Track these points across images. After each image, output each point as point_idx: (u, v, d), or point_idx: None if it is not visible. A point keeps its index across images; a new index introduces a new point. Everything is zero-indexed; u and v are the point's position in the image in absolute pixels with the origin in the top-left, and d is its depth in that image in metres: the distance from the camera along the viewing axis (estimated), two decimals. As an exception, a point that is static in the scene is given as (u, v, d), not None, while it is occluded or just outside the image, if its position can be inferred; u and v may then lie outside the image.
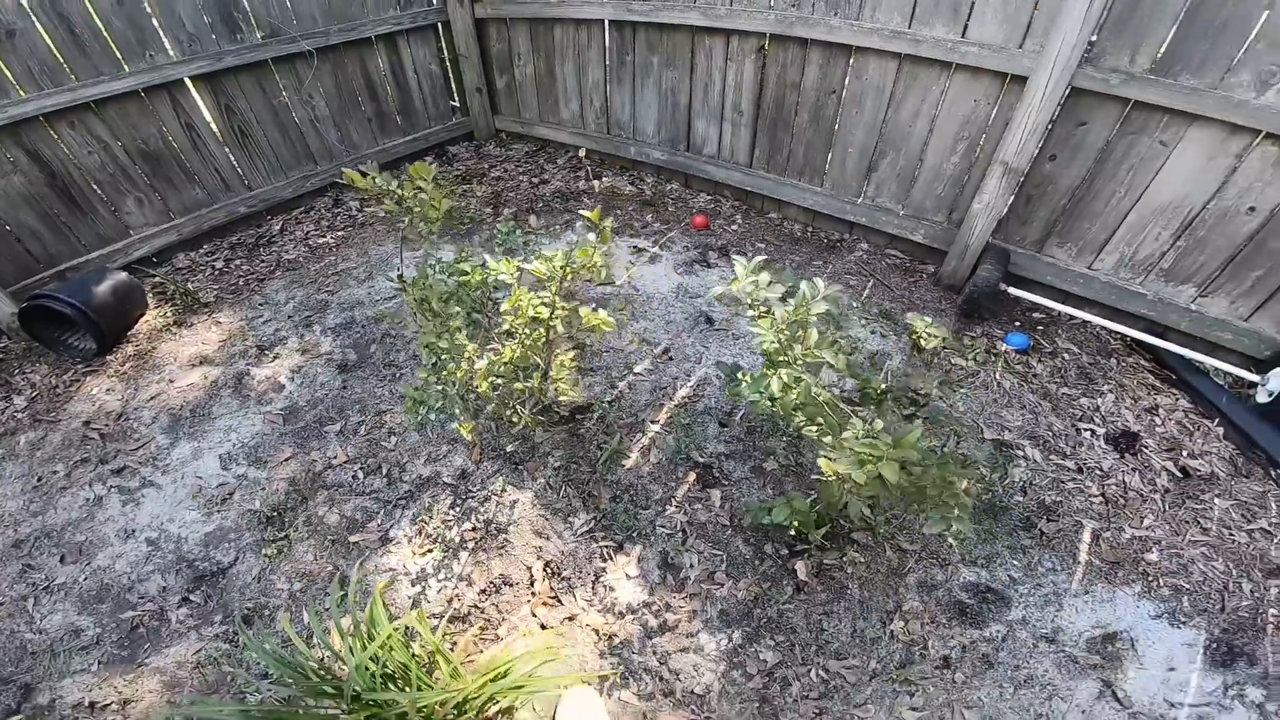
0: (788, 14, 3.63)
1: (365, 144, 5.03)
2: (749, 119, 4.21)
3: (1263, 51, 2.56)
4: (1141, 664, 2.07)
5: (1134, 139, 2.98)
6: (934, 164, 3.61)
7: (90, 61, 3.53)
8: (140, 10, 3.63)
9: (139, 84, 3.71)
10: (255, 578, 2.34)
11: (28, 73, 3.34)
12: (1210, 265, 3.01)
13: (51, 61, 3.41)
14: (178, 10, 3.76)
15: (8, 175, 3.44)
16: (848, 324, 3.42)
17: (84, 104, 3.56)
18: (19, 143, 3.43)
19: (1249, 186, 2.80)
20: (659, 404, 2.96)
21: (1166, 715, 1.95)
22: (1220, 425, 2.86)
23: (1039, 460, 2.70)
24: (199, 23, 3.87)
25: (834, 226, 4.32)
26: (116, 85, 3.62)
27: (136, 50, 3.68)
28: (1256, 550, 2.37)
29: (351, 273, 3.96)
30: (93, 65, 3.54)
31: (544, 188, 5.01)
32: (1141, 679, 2.03)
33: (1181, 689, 2.01)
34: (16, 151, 3.44)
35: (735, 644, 2.11)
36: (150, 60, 3.75)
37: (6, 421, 3.00)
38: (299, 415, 2.96)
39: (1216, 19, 2.60)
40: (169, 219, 4.11)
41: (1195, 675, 2.04)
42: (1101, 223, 3.22)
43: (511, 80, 5.44)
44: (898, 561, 2.34)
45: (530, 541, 2.40)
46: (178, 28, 3.80)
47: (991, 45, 3.11)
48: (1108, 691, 2.01)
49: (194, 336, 3.47)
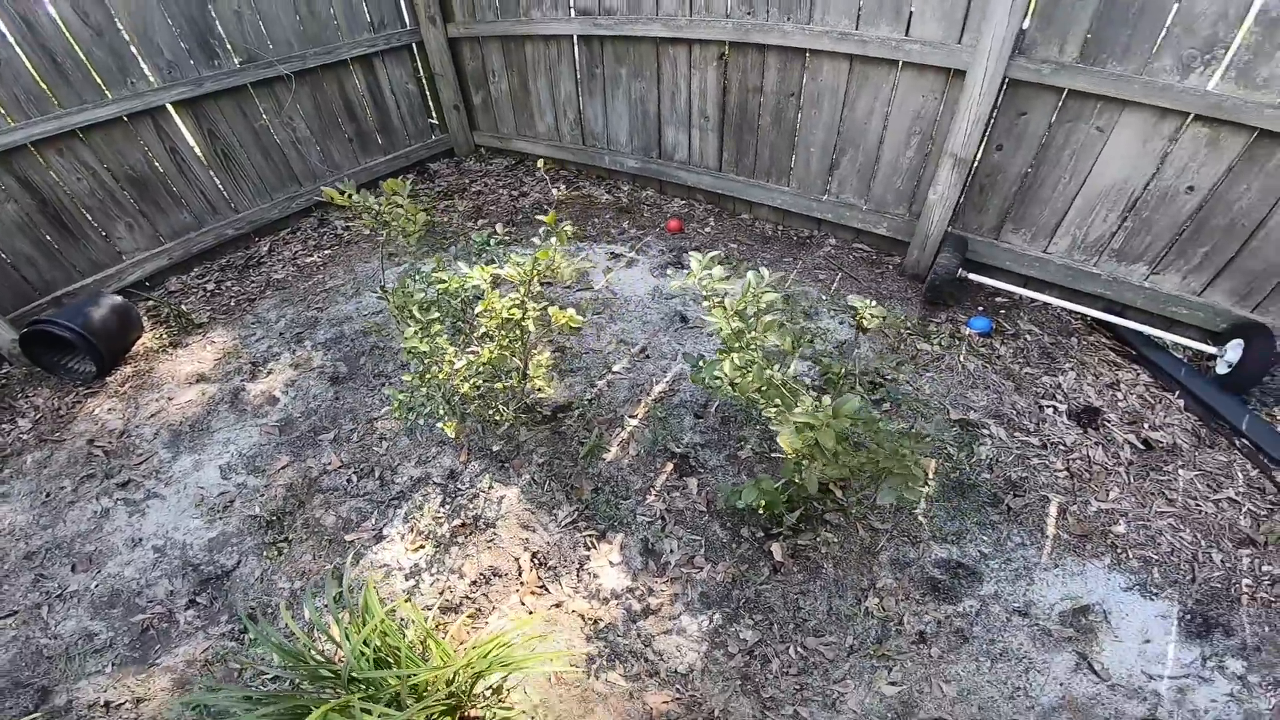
0: (744, 22, 3.77)
1: (347, 164, 5.14)
2: (715, 124, 4.34)
3: (1180, 36, 2.69)
4: (1116, 636, 2.12)
5: (1072, 126, 3.12)
6: (890, 159, 3.74)
7: (74, 90, 3.63)
8: (119, 39, 3.74)
9: (123, 110, 3.82)
10: (258, 578, 2.45)
11: (14, 101, 3.44)
12: (1158, 244, 3.14)
13: (36, 90, 3.51)
14: (155, 39, 3.87)
15: (1, 204, 3.53)
16: (817, 316, 3.55)
17: (71, 131, 3.67)
18: (10, 170, 3.53)
19: (1185, 166, 2.93)
20: (637, 400, 3.08)
21: (1145, 687, 1.99)
22: (1181, 398, 2.95)
23: (1004, 438, 2.80)
24: (177, 50, 3.98)
25: (803, 224, 4.45)
26: (101, 112, 3.73)
27: (118, 78, 3.79)
28: (1224, 520, 2.44)
29: (339, 290, 4.08)
30: (76, 93, 3.65)
31: (523, 200, 5.13)
32: (1118, 651, 2.08)
33: (1159, 661, 2.05)
34: (8, 180, 3.54)
35: (716, 624, 2.21)
36: (132, 87, 3.85)
37: (13, 443, 3.11)
38: (294, 426, 3.08)
39: (1134, 5, 2.72)
40: (159, 243, 4.21)
41: (1172, 647, 2.08)
42: (1051, 208, 3.35)
43: (488, 96, 5.56)
44: (870, 540, 2.42)
45: (517, 534, 2.52)
46: (156, 55, 3.91)
47: (932, 42, 3.24)
48: (1084, 664, 2.05)
49: (190, 356, 3.58)
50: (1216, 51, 2.65)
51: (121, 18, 3.71)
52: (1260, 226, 2.86)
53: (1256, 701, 1.95)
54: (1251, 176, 2.80)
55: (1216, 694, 1.97)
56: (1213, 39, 2.64)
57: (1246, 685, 1.99)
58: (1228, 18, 2.57)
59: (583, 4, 4.42)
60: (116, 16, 3.69)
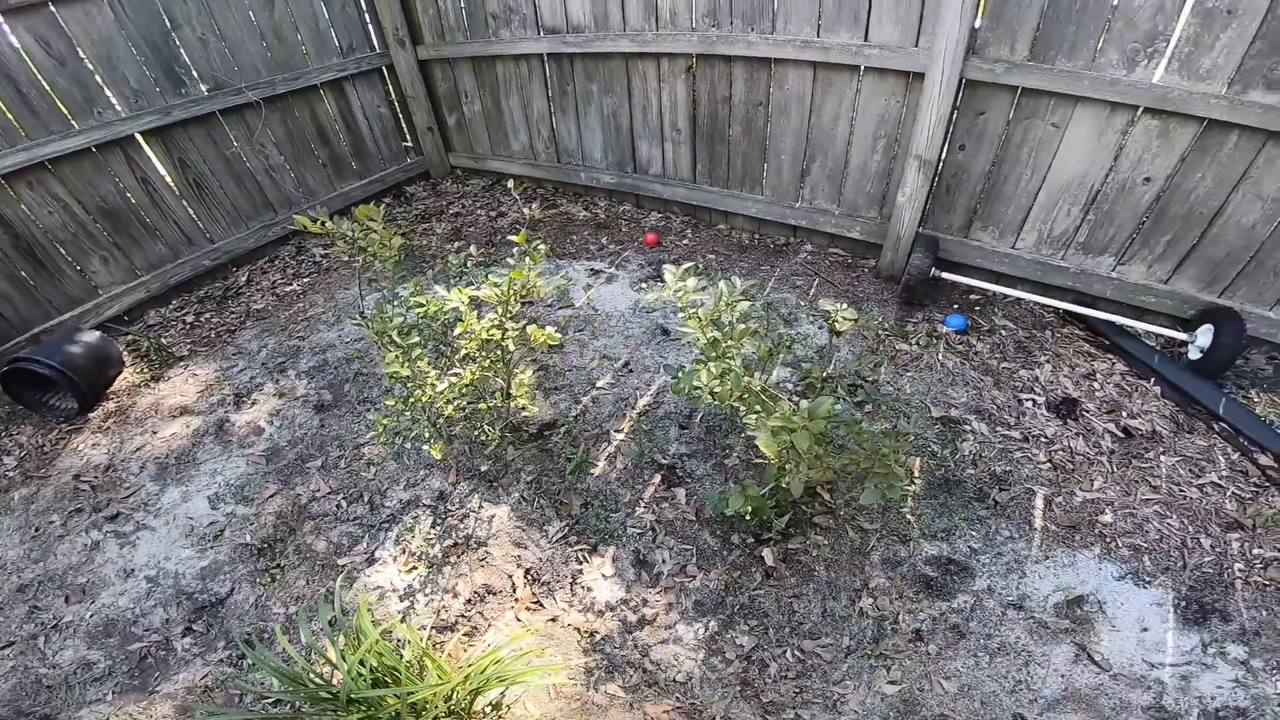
0: (709, 34, 3.83)
1: (323, 189, 5.13)
2: (687, 136, 4.40)
3: (1123, 30, 2.77)
4: (1114, 626, 2.13)
5: (1029, 123, 3.20)
6: (859, 163, 3.81)
7: (41, 121, 3.60)
8: (83, 69, 3.71)
9: (91, 141, 3.79)
10: (252, 604, 2.45)
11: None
12: (1121, 235, 3.22)
13: (3, 121, 3.47)
14: (120, 67, 3.85)
15: None
16: (797, 322, 3.60)
17: (40, 163, 3.63)
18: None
19: (1140, 158, 3.01)
20: (622, 414, 3.10)
21: (1148, 676, 2.00)
22: (1157, 385, 3.01)
23: (986, 433, 2.85)
24: (143, 79, 3.96)
25: (778, 231, 4.50)
26: (69, 143, 3.70)
27: (84, 108, 3.76)
28: (1210, 505, 2.47)
29: (320, 318, 4.07)
30: (43, 124, 3.62)
31: (501, 220, 5.15)
32: (1116, 641, 2.10)
33: (1159, 649, 2.06)
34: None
35: (712, 632, 2.22)
36: (99, 117, 3.83)
37: None
38: (281, 455, 3.07)
39: (1076, 2, 2.80)
40: (135, 276, 4.18)
41: (1170, 634, 2.10)
42: (1016, 204, 3.43)
43: (461, 117, 5.58)
44: (860, 541, 2.45)
45: (509, 551, 2.53)
46: (122, 84, 3.89)
47: (890, 46, 3.31)
48: (1083, 655, 2.07)
49: (172, 389, 3.56)
50: (1158, 44, 2.73)
51: (84, 47, 3.69)
52: (1218, 214, 2.95)
53: (1263, 686, 1.97)
54: (1205, 166, 2.88)
55: (1221, 680, 1.99)
56: (1153, 32, 2.71)
57: (1251, 670, 2.00)
58: (1165, 10, 2.65)
59: (551, 23, 4.47)
60: (79, 46, 3.67)
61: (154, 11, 3.93)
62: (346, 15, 4.92)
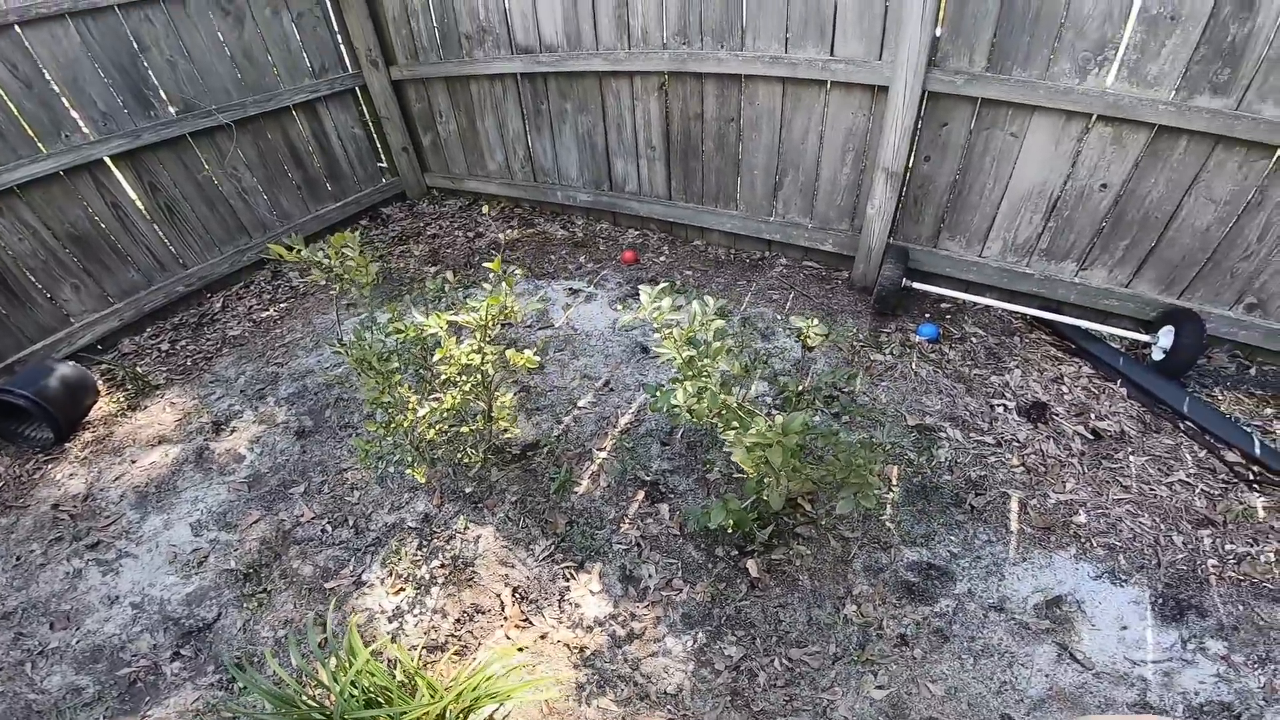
0: (680, 52, 3.89)
1: (298, 212, 5.09)
2: (661, 153, 4.45)
3: (1073, 39, 2.87)
4: (1093, 625, 2.18)
5: (989, 133, 3.29)
6: (829, 176, 3.88)
7: (8, 145, 3.55)
8: (49, 91, 3.67)
9: (59, 165, 3.73)
10: (240, 629, 2.44)
11: None
12: (1081, 241, 3.32)
13: None
14: (87, 90, 3.81)
15: None
16: (774, 336, 3.66)
17: (9, 189, 3.58)
18: None
19: (1095, 165, 3.11)
20: (604, 433, 3.13)
21: (1131, 673, 2.04)
22: (1123, 386, 3.09)
23: (960, 439, 2.91)
24: (111, 101, 3.92)
25: (753, 246, 4.56)
26: (37, 168, 3.64)
27: (51, 131, 3.71)
28: (1180, 502, 2.54)
29: (299, 343, 4.06)
30: (11, 149, 3.56)
31: (479, 240, 5.16)
32: (1097, 639, 2.14)
33: (1139, 646, 2.11)
34: None
35: (700, 643, 2.25)
36: (67, 140, 3.78)
37: None
38: (263, 481, 3.06)
39: (1029, 11, 2.90)
40: (108, 304, 4.12)
41: (1150, 632, 2.15)
42: (980, 213, 3.52)
43: (436, 138, 5.59)
44: (842, 550, 2.49)
45: (497, 571, 2.54)
46: (90, 107, 3.84)
47: (855, 60, 3.39)
48: (1065, 654, 2.11)
49: (149, 418, 3.53)
50: (1108, 52, 2.83)
51: (50, 69, 3.65)
52: (1172, 218, 3.05)
53: (1245, 680, 2.01)
54: (1157, 171, 2.99)
55: (1204, 675, 2.04)
56: (1102, 40, 2.81)
57: (1232, 665, 2.05)
58: (1113, 18, 2.75)
59: (524, 42, 4.51)
60: (45, 68, 3.63)
61: (121, 34, 3.90)
62: (318, 36, 4.91)
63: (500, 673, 1.94)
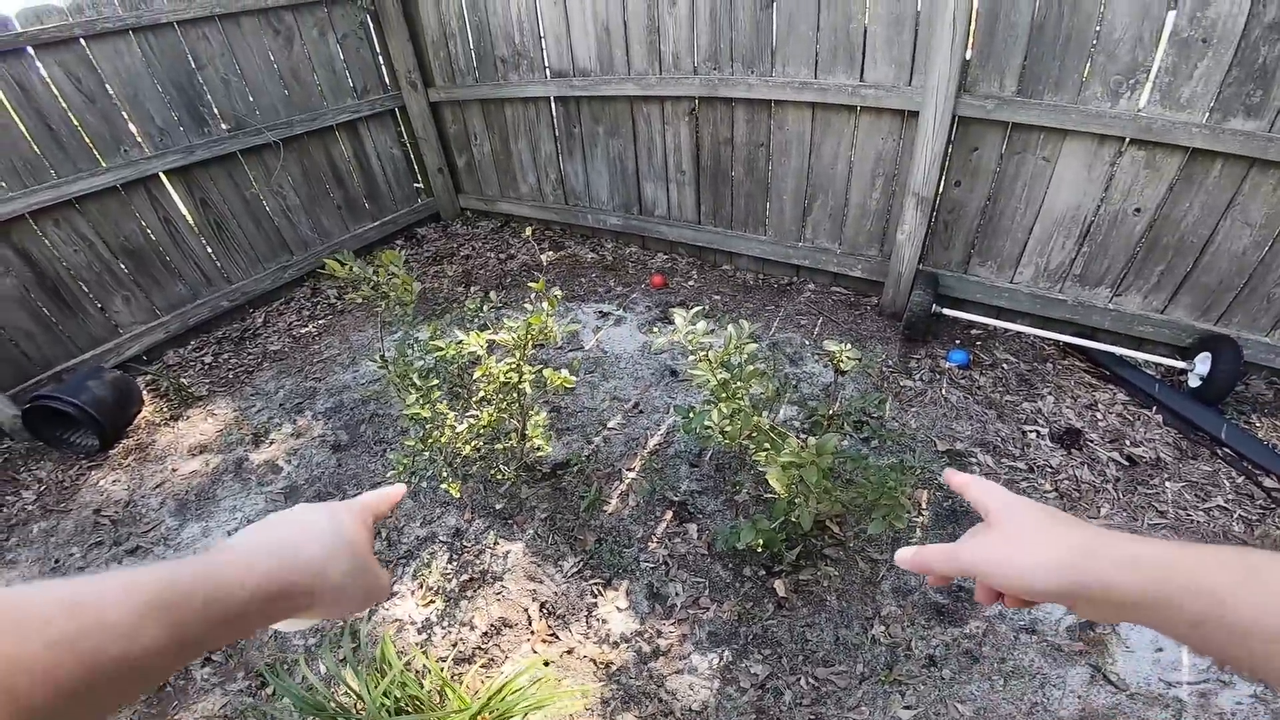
0: (711, 77, 3.96)
1: (337, 231, 5.22)
2: (691, 177, 4.50)
3: (1105, 63, 2.86)
4: (1128, 647, 2.15)
5: (1020, 158, 3.28)
6: (859, 201, 3.90)
7: (69, 158, 3.68)
8: (112, 107, 3.82)
9: (117, 179, 3.86)
10: (271, 635, 2.49)
11: (11, 169, 3.49)
12: (1116, 266, 3.29)
13: (33, 158, 3.55)
14: (146, 106, 3.95)
15: (0, 277, 3.56)
16: (802, 361, 3.67)
17: (68, 201, 3.70)
18: (9, 242, 3.55)
19: (1129, 189, 3.08)
20: (633, 453, 3.16)
21: (1166, 694, 2.02)
22: (1159, 413, 3.05)
23: (992, 464, 2.89)
24: (168, 118, 4.06)
25: (782, 271, 4.56)
26: (96, 181, 3.77)
27: (112, 145, 3.85)
28: (1217, 527, 2.50)
29: (336, 359, 4.16)
30: (72, 161, 3.69)
31: (511, 262, 5.25)
32: (1131, 661, 2.12)
33: (1174, 668, 2.08)
34: (6, 251, 3.55)
35: (726, 661, 2.25)
36: (125, 155, 3.91)
37: (18, 513, 3.17)
38: (299, 492, 3.14)
39: (1059, 36, 2.90)
40: (155, 316, 4.25)
41: (1185, 654, 2.11)
42: (1012, 238, 3.50)
43: (471, 159, 5.71)
44: (870, 571, 2.49)
45: (525, 586, 2.57)
46: (148, 122, 3.98)
47: (885, 85, 3.41)
48: (1099, 675, 2.09)
49: (191, 428, 3.64)
50: (1139, 75, 2.82)
51: (113, 84, 3.80)
52: (1208, 242, 3.01)
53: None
54: (1192, 194, 2.96)
55: (1240, 696, 2.01)
56: (1134, 63, 2.80)
57: (1269, 687, 1.99)
58: (1144, 41, 2.74)
59: (558, 66, 4.62)
60: (108, 83, 3.78)
61: (180, 51, 4.05)
62: (361, 57, 5.07)
63: (528, 685, 1.97)
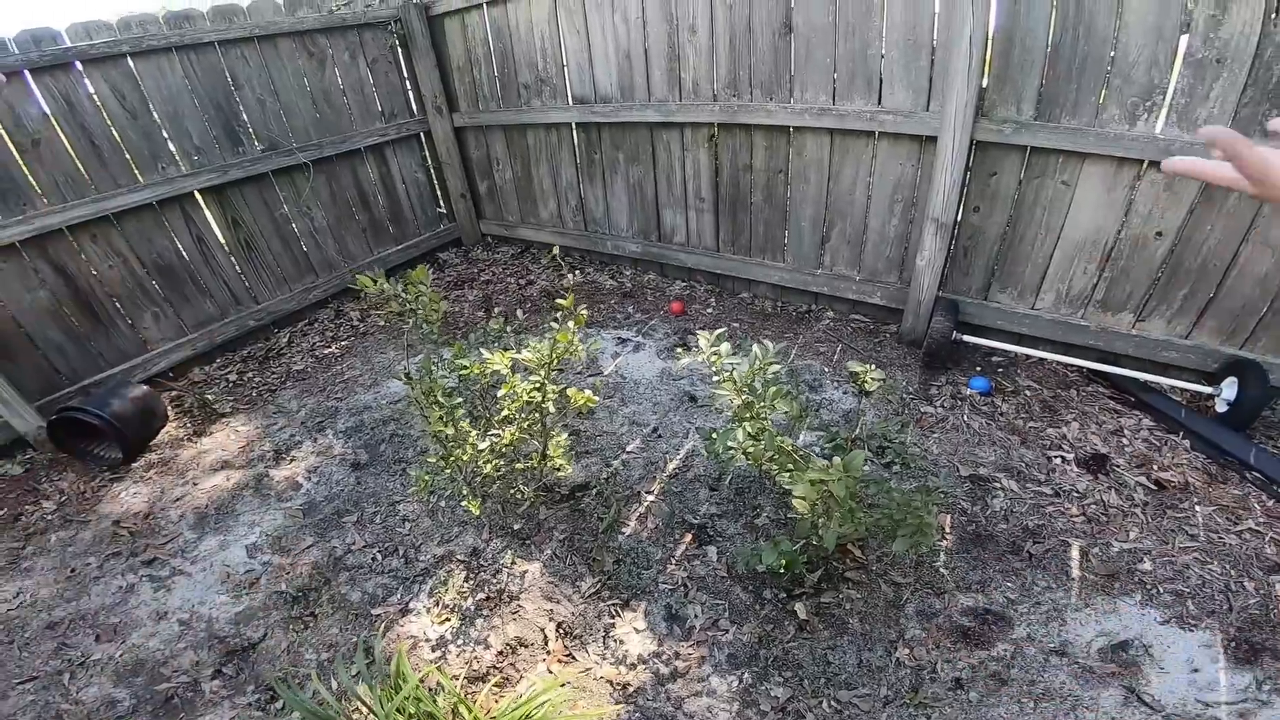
0: (730, 104, 4.01)
1: (361, 254, 5.29)
2: (710, 204, 4.53)
3: (1121, 86, 2.86)
4: (1162, 668, 2.12)
5: (1040, 182, 3.27)
6: (877, 227, 3.89)
7: (109, 173, 3.76)
8: (153, 124, 3.91)
9: (155, 196, 3.94)
10: (284, 650, 2.48)
11: (53, 183, 3.56)
12: (1138, 291, 3.25)
13: (74, 172, 3.63)
14: (185, 124, 4.05)
15: (34, 290, 3.61)
16: (821, 388, 3.66)
17: (105, 216, 3.76)
18: (45, 256, 3.62)
19: (1150, 213, 3.06)
20: (652, 477, 3.15)
21: (1203, 715, 1.98)
22: (1186, 438, 3.01)
23: (1016, 489, 2.86)
24: (205, 136, 4.15)
25: (800, 299, 4.55)
26: (135, 197, 3.85)
27: (150, 162, 3.93)
28: (1250, 550, 2.46)
29: (358, 380, 4.20)
30: (111, 177, 3.77)
31: (530, 288, 5.30)
32: (1166, 682, 2.08)
33: (1211, 688, 2.04)
34: (43, 265, 3.62)
35: (745, 684, 2.21)
36: (163, 172, 3.99)
37: (37, 522, 3.21)
38: (318, 509, 3.15)
39: (1075, 59, 2.90)
40: (184, 333, 4.31)
41: (1222, 674, 2.08)
42: (1032, 264, 3.48)
43: (493, 184, 5.80)
44: (893, 594, 2.45)
45: (541, 606, 2.56)
46: (185, 139, 4.07)
47: (903, 111, 3.43)
48: (1133, 697, 2.05)
49: (213, 444, 3.68)
50: (1155, 97, 2.81)
51: (155, 101, 3.88)
52: (1231, 265, 2.97)
53: None
54: (1213, 217, 2.92)
55: (1277, 715, 1.97)
56: (1150, 85, 2.80)
57: None
58: (1159, 63, 2.74)
59: (580, 93, 4.70)
60: (151, 100, 3.87)
61: (219, 70, 4.16)
62: (390, 81, 5.19)
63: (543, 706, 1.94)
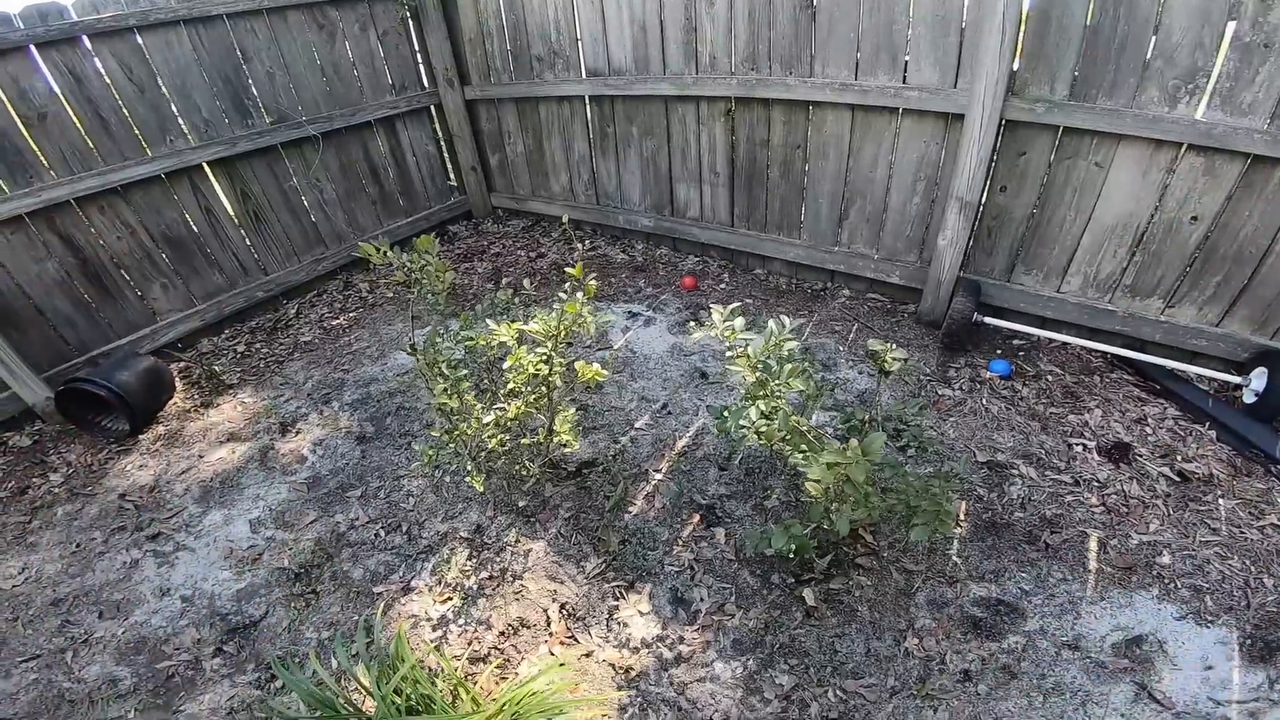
0: (748, 78, 3.90)
1: (370, 225, 5.26)
2: (725, 179, 4.44)
3: (1162, 67, 2.76)
4: (1175, 665, 2.08)
5: (1071, 163, 3.17)
6: (898, 205, 3.80)
7: (116, 146, 3.75)
8: (160, 97, 3.88)
9: (162, 168, 3.93)
10: (285, 628, 2.47)
11: (60, 156, 3.55)
12: (1169, 277, 3.15)
13: (81, 145, 3.61)
14: (194, 96, 4.01)
15: (42, 261, 3.61)
16: (836, 368, 3.58)
17: (113, 188, 3.76)
18: (53, 228, 3.61)
19: (1185, 197, 2.96)
20: (660, 455, 3.10)
21: (1214, 714, 1.95)
22: (1212, 429, 2.93)
23: (1034, 477, 2.79)
24: (213, 109, 4.12)
25: (816, 276, 4.47)
26: (142, 169, 3.84)
27: (158, 135, 3.92)
28: (1272, 545, 2.41)
29: (365, 352, 4.17)
30: (119, 150, 3.76)
31: (540, 261, 5.24)
32: (1178, 679, 2.04)
33: (1224, 686, 2.01)
34: (52, 237, 3.62)
35: (750, 670, 2.18)
36: (171, 145, 3.98)
37: (43, 495, 3.20)
38: (322, 483, 3.12)
39: (1114, 40, 2.80)
40: (192, 305, 4.31)
41: (1236, 672, 2.04)
42: (1060, 246, 3.38)
43: (504, 157, 5.73)
44: (904, 583, 2.41)
45: (545, 586, 2.52)
46: (194, 113, 4.04)
47: (929, 88, 3.33)
48: (1144, 694, 2.01)
49: (220, 416, 3.66)
50: (1199, 80, 2.71)
51: (163, 75, 3.86)
52: (1268, 253, 2.87)
53: None
54: (1252, 203, 2.83)
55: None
56: (1193, 68, 2.70)
57: None
58: (1204, 46, 2.64)
59: (593, 65, 4.60)
60: (159, 73, 3.84)
61: (228, 44, 4.12)
62: (400, 54, 5.11)
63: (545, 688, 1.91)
